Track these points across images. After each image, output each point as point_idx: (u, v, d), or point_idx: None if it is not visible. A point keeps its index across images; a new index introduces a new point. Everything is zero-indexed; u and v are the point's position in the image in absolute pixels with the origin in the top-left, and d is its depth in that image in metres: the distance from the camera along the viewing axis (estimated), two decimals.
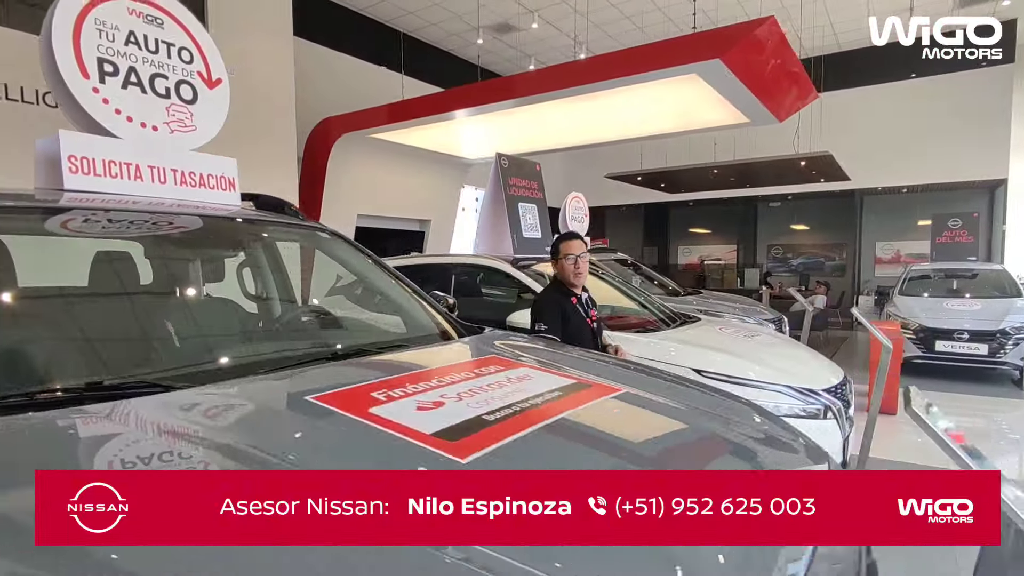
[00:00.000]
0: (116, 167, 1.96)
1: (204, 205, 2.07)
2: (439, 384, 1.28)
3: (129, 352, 1.48)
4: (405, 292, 2.21)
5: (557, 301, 2.80)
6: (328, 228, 2.33)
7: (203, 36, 2.32)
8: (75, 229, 1.77)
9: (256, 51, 7.56)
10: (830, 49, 11.44)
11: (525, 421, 1.10)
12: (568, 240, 2.85)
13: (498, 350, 1.74)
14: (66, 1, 1.90)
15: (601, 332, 2.95)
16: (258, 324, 1.95)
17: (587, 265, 2.88)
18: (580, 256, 2.81)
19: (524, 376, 1.40)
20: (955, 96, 11.13)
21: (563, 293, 2.84)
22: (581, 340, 2.70)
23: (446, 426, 1.03)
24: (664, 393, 1.39)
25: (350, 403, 1.11)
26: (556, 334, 2.69)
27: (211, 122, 2.31)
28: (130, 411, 1.05)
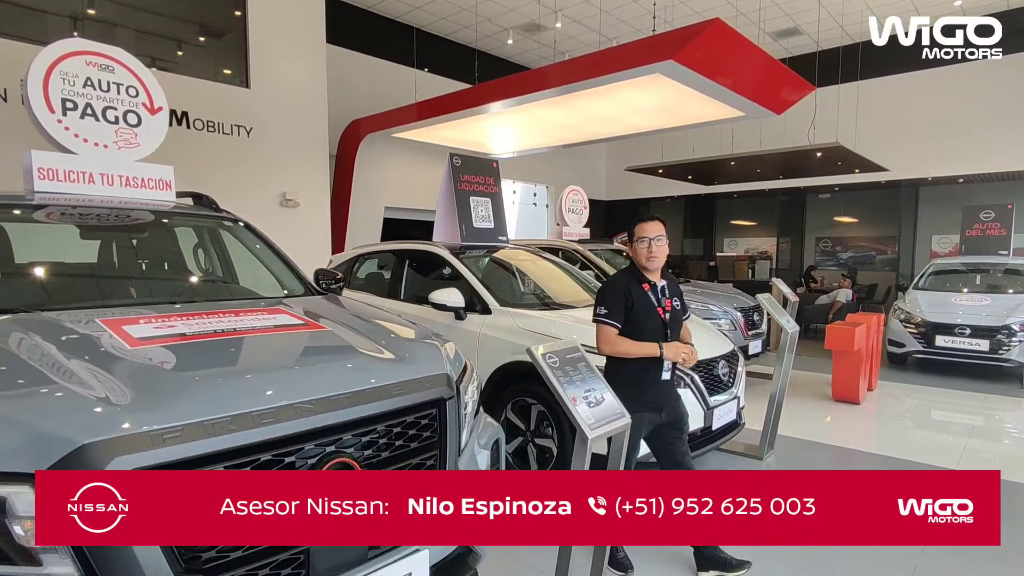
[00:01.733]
0: (74, 175, 2.82)
1: (136, 200, 2.89)
2: (203, 314, 1.95)
3: (52, 290, 2.29)
4: (283, 266, 2.92)
5: (623, 285, 2.63)
6: (234, 216, 3.08)
7: (148, 76, 3.14)
8: (38, 218, 2.62)
9: (292, 59, 8.58)
10: (866, 36, 11.06)
11: (214, 336, 1.76)
12: (643, 222, 2.64)
13: (297, 302, 2.39)
14: (39, 59, 2.77)
15: (678, 321, 2.73)
16: (148, 282, 2.73)
17: (664, 249, 2.63)
18: (655, 239, 2.58)
19: (271, 316, 2.06)
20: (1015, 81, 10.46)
21: (635, 278, 2.66)
22: (647, 328, 2.58)
23: (150, 335, 1.70)
24: (358, 333, 1.99)
25: (125, 320, 1.80)
26: (615, 319, 2.58)
27: (153, 138, 3.14)
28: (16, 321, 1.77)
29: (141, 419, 1.25)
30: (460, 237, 5.08)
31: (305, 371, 1.70)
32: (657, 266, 2.64)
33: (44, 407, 1.27)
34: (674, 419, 2.76)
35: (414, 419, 1.68)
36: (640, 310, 2.59)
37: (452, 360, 2.00)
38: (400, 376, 1.73)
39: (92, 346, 1.58)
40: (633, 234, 2.66)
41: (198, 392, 1.40)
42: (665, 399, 2.69)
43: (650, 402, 2.62)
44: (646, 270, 2.65)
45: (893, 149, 12.03)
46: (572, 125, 8.68)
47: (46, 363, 1.44)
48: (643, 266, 2.64)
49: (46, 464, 1.15)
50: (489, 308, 4.11)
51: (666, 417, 2.71)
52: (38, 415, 1.23)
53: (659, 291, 2.66)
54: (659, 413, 2.68)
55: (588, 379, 1.98)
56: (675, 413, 2.76)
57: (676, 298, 2.73)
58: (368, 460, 1.53)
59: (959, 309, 7.45)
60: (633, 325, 2.58)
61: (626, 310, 2.58)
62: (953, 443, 4.85)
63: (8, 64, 6.24)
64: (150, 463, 1.20)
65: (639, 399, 2.52)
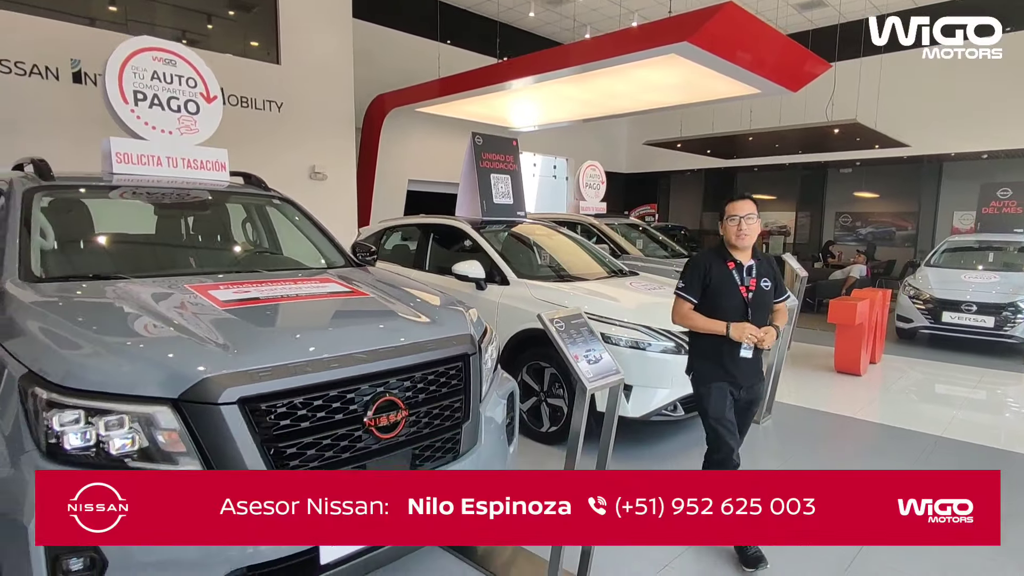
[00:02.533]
0: (145, 158, 3.22)
1: (198, 181, 3.29)
2: (267, 282, 2.36)
3: (136, 261, 2.72)
4: (325, 239, 3.31)
5: (704, 263, 2.67)
6: (281, 195, 3.47)
7: (204, 68, 3.50)
8: (121, 196, 3.03)
9: (320, 35, 8.87)
10: (901, 6, 10.94)
11: (281, 300, 2.17)
12: (734, 201, 2.64)
13: (342, 272, 2.79)
14: (114, 56, 3.15)
15: (765, 302, 2.70)
16: (216, 253, 3.15)
17: (755, 228, 2.61)
18: (745, 218, 2.57)
19: (323, 285, 2.46)
20: None
21: (720, 256, 2.67)
22: (724, 305, 2.60)
23: (232, 299, 2.10)
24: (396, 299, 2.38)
25: (208, 286, 2.21)
26: (690, 294, 2.65)
27: (210, 124, 3.52)
28: (111, 288, 2.20)
29: (241, 361, 1.66)
30: (481, 212, 5.42)
31: (358, 328, 2.10)
32: (746, 244, 2.63)
33: (174, 351, 1.68)
34: (750, 398, 2.77)
35: (444, 369, 2.07)
36: (718, 287, 2.62)
37: (475, 323, 2.39)
38: (433, 335, 2.12)
39: (192, 306, 1.99)
40: (724, 212, 2.65)
41: (280, 342, 1.80)
42: (744, 377, 2.67)
43: (729, 376, 2.64)
44: (735, 248, 2.65)
45: (916, 124, 11.97)
46: (591, 101, 8.87)
47: (164, 319, 1.85)
48: (732, 244, 2.64)
49: (177, 393, 1.56)
50: (507, 280, 4.48)
51: (743, 395, 2.73)
52: (170, 357, 1.64)
53: (744, 270, 2.65)
54: (738, 389, 2.69)
55: (589, 341, 2.34)
56: (752, 393, 2.76)
57: (767, 279, 2.69)
58: (408, 400, 1.93)
59: (968, 286, 7.60)
60: (710, 301, 2.63)
61: (703, 287, 2.64)
62: (944, 413, 5.14)
63: (57, 43, 6.67)
64: (250, 394, 1.61)
65: (719, 372, 2.63)
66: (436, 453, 2.02)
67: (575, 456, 2.29)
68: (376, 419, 1.81)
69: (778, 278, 2.76)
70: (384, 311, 2.25)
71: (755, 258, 2.69)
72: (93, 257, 2.65)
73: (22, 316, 1.87)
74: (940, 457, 4.06)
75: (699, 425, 4.56)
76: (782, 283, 2.79)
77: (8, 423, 1.57)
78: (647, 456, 3.96)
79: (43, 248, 2.48)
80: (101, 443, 1.52)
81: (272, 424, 1.64)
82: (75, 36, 6.84)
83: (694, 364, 2.77)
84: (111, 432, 1.53)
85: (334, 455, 1.74)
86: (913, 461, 3.96)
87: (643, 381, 3.80)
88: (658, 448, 4.12)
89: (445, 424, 2.05)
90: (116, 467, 1.51)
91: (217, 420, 1.56)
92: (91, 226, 2.82)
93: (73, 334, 1.72)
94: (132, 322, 1.85)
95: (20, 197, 2.52)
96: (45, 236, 2.56)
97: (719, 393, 2.64)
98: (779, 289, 2.78)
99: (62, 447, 1.51)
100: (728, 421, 2.67)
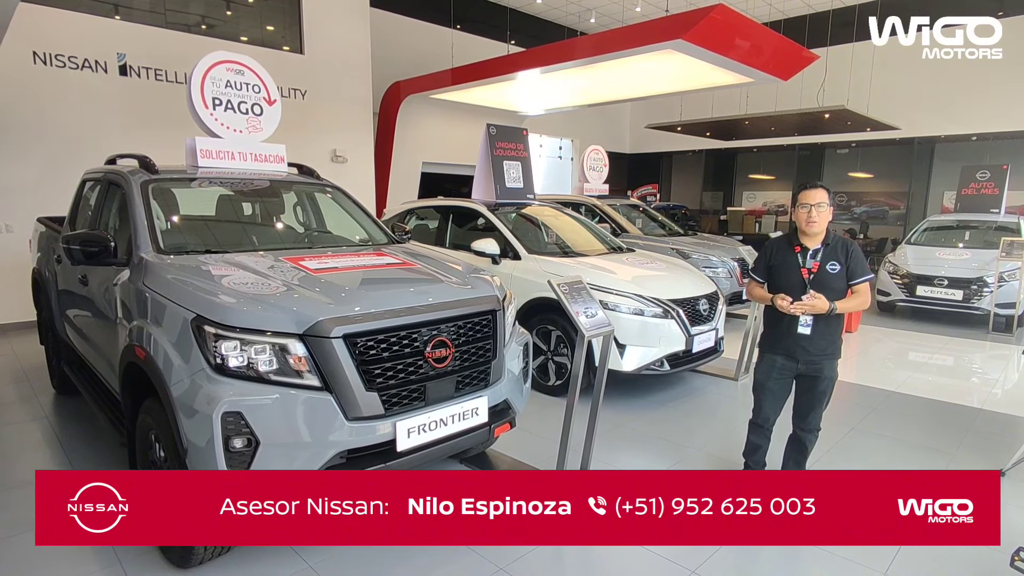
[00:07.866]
0: (223, 154, 3.89)
1: (266, 173, 3.98)
2: (337, 255, 3.07)
3: (229, 238, 3.42)
4: (369, 220, 4.00)
5: (770, 247, 2.96)
6: (332, 184, 4.15)
7: (265, 75, 4.15)
8: (206, 186, 3.72)
9: (341, 25, 9.44)
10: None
11: (354, 269, 2.87)
12: (806, 190, 2.82)
13: (389, 248, 3.49)
14: (197, 69, 3.81)
15: (826, 284, 2.80)
16: (286, 231, 3.85)
17: (825, 216, 2.79)
18: (816, 206, 2.76)
19: (379, 257, 3.16)
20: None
21: (787, 240, 2.92)
22: (783, 285, 2.85)
23: (318, 267, 2.80)
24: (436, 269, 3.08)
25: (296, 258, 2.92)
26: (757, 274, 3.01)
27: (271, 124, 4.18)
28: (226, 258, 2.89)
29: (342, 309, 2.37)
30: (495, 195, 6.09)
31: (416, 289, 2.79)
32: (816, 231, 2.82)
33: (298, 303, 2.38)
34: (812, 375, 2.90)
35: (478, 320, 2.78)
36: (780, 268, 2.89)
37: (499, 288, 3.09)
38: (470, 295, 2.82)
39: (294, 272, 2.71)
40: (797, 200, 2.85)
41: (365, 297, 2.52)
42: (801, 352, 2.86)
43: (783, 349, 2.91)
44: (804, 234, 2.85)
45: (909, 106, 12.47)
46: (594, 88, 9.46)
47: (284, 281, 2.57)
48: (803, 230, 2.85)
49: (303, 329, 2.27)
50: (519, 255, 5.18)
51: (803, 369, 2.90)
52: (296, 307, 2.35)
53: (810, 254, 2.84)
54: (795, 362, 2.90)
55: (587, 301, 3.04)
56: (813, 370, 2.88)
57: (835, 262, 2.82)
58: (454, 341, 2.64)
59: (942, 263, 8.25)
60: (773, 280, 2.94)
61: (767, 268, 2.96)
62: (900, 375, 5.85)
63: (107, 38, 7.30)
64: (350, 331, 2.31)
65: (773, 343, 2.96)
66: (473, 381, 2.74)
67: (575, 394, 3.02)
68: (433, 353, 2.53)
69: (852, 261, 2.84)
70: (431, 278, 2.95)
71: (825, 243, 2.86)
72: (197, 235, 3.35)
73: (173, 276, 2.58)
74: (887, 408, 4.77)
75: (681, 378, 5.34)
76: (859, 266, 2.85)
77: (187, 350, 2.29)
78: (638, 406, 4.69)
79: (159, 228, 3.19)
80: (251, 363, 2.24)
81: (364, 353, 2.35)
82: (121, 32, 7.46)
83: (762, 335, 3.12)
84: (258, 356, 2.24)
85: (405, 377, 2.46)
86: (863, 414, 4.65)
87: (635, 341, 4.52)
88: (647, 398, 4.85)
89: (479, 360, 2.76)
90: (262, 381, 2.23)
91: (329, 349, 2.28)
92: (191, 210, 3.53)
93: (221, 290, 2.44)
94: (260, 282, 2.56)
95: (139, 188, 3.22)
96: (159, 219, 3.26)
97: (766, 363, 2.98)
98: (852, 272, 2.85)
99: (226, 365, 2.23)
100: (768, 390, 2.99)
